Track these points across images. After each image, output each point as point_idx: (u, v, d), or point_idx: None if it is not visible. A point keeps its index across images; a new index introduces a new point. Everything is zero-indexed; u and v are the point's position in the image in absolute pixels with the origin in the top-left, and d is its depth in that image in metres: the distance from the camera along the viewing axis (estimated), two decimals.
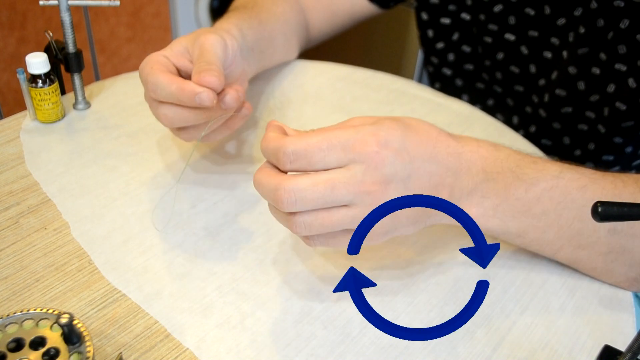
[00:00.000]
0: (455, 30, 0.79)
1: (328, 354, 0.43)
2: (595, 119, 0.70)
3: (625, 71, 0.64)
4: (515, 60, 0.75)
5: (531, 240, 0.48)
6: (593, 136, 0.71)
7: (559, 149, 0.75)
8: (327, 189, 0.39)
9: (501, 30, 0.74)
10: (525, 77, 0.75)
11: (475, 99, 0.84)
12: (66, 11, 0.61)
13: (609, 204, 0.38)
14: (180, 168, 0.59)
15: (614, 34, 0.63)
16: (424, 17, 0.81)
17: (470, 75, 0.83)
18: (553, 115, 0.73)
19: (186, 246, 0.51)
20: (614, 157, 0.73)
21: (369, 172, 0.40)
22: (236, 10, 0.66)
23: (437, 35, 0.81)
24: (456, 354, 0.44)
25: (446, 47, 0.82)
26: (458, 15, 0.78)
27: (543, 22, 0.70)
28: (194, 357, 0.42)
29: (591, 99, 0.68)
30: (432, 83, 0.88)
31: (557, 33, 0.69)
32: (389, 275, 0.50)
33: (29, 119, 0.64)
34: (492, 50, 0.77)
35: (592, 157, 0.74)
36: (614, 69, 0.65)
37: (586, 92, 0.68)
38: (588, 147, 0.73)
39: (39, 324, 0.38)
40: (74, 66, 0.64)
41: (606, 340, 0.45)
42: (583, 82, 0.68)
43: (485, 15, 0.75)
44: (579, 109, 0.70)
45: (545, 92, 0.73)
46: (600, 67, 0.66)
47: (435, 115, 0.71)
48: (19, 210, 0.53)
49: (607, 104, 0.68)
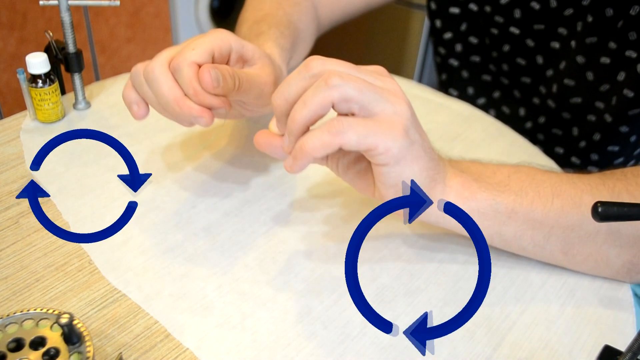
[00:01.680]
0: (464, 20, 0.80)
1: (328, 354, 0.43)
2: (603, 109, 0.70)
3: (635, 58, 0.64)
4: (521, 52, 0.75)
5: (522, 223, 0.48)
6: (599, 126, 0.71)
7: (567, 140, 0.75)
8: None
9: (506, 23, 0.74)
10: (532, 68, 0.75)
11: (481, 91, 0.84)
12: (66, 11, 0.61)
13: (609, 204, 0.39)
14: (180, 168, 0.59)
15: (624, 21, 0.63)
16: (433, 7, 0.82)
17: (477, 66, 0.83)
18: (562, 105, 0.73)
19: (186, 246, 0.51)
20: (619, 147, 0.73)
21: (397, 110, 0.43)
22: (276, 28, 0.63)
23: (445, 25, 0.82)
24: (456, 354, 0.44)
25: (454, 37, 0.82)
26: (466, 5, 0.78)
27: (549, 15, 0.70)
28: (194, 357, 0.42)
29: (601, 89, 0.68)
30: (439, 74, 0.88)
31: (565, 23, 0.69)
32: (389, 275, 0.50)
33: (29, 119, 0.64)
34: (499, 42, 0.77)
35: (597, 147, 0.74)
36: (624, 57, 0.65)
37: (595, 82, 0.69)
38: (593, 137, 0.73)
39: (39, 324, 0.38)
40: (74, 66, 0.64)
41: (606, 340, 0.45)
42: (592, 72, 0.68)
43: (492, 7, 0.75)
44: (588, 99, 0.70)
45: (554, 83, 0.73)
46: (609, 56, 0.66)
47: (435, 115, 0.71)
48: (19, 210, 0.53)
49: (616, 92, 0.68)
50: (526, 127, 0.81)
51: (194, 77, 0.46)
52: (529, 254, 0.50)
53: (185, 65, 0.46)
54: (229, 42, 0.50)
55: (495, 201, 0.47)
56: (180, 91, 0.47)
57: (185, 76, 0.46)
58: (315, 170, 0.60)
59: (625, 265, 0.49)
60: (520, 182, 0.48)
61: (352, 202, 0.57)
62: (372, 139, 0.41)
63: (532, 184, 0.48)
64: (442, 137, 0.67)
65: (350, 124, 0.41)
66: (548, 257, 0.50)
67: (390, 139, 0.42)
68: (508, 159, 0.64)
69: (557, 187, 0.48)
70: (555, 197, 0.48)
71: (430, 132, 0.67)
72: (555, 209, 0.47)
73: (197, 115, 0.47)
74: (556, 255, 0.49)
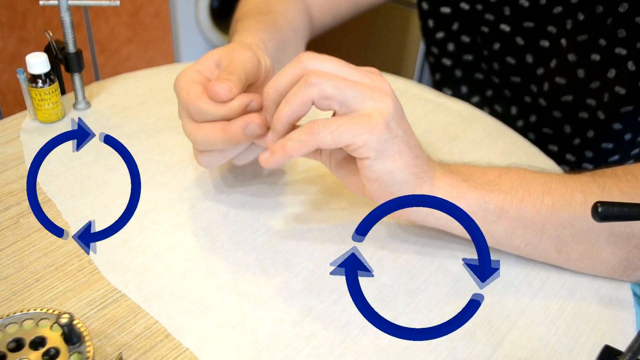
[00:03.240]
0: (455, 20, 0.80)
1: (328, 354, 0.43)
2: (595, 106, 0.70)
3: (625, 55, 0.64)
4: (511, 50, 0.76)
5: (512, 221, 0.48)
6: (592, 123, 0.71)
7: (559, 138, 0.76)
8: None
9: (497, 21, 0.75)
10: (522, 67, 0.76)
11: (475, 90, 0.84)
12: (66, 11, 0.61)
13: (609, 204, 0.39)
14: (180, 168, 0.59)
15: (613, 18, 0.63)
16: (425, 7, 0.82)
17: (470, 65, 0.83)
18: (553, 103, 0.74)
19: (186, 246, 0.51)
20: (613, 144, 0.73)
21: None
22: (252, 17, 0.64)
23: (437, 25, 0.82)
24: (456, 354, 0.44)
25: (446, 37, 0.83)
26: (457, 4, 0.79)
27: (538, 12, 0.70)
28: (194, 357, 0.42)
29: (591, 86, 0.69)
30: (433, 74, 0.89)
31: (554, 21, 0.70)
32: (389, 275, 0.50)
33: (29, 119, 0.64)
34: (489, 41, 0.77)
35: (591, 145, 0.74)
36: (614, 54, 0.65)
37: (586, 79, 0.69)
38: (587, 135, 0.73)
39: (39, 324, 0.38)
40: (74, 66, 0.64)
41: (606, 340, 0.45)
42: (583, 69, 0.68)
43: (482, 4, 0.75)
44: (580, 97, 0.71)
45: (545, 81, 0.73)
46: (600, 53, 0.66)
47: (436, 115, 0.71)
48: (19, 210, 0.53)
49: (607, 89, 0.68)
50: (518, 126, 0.81)
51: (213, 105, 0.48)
52: (523, 253, 0.50)
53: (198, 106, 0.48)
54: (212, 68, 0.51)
55: (484, 200, 0.47)
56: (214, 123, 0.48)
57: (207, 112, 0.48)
58: (315, 170, 0.60)
59: (621, 262, 0.49)
60: (510, 182, 0.49)
61: (352, 202, 0.57)
62: (346, 136, 0.42)
63: (522, 183, 0.49)
64: (442, 137, 0.67)
65: (325, 123, 0.43)
66: (542, 255, 0.50)
67: (366, 132, 0.43)
68: (508, 159, 0.64)
69: (548, 185, 0.49)
70: (545, 195, 0.48)
71: (430, 132, 0.68)
72: (546, 207, 0.48)
73: (243, 122, 0.47)
74: (550, 253, 0.50)
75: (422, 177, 0.46)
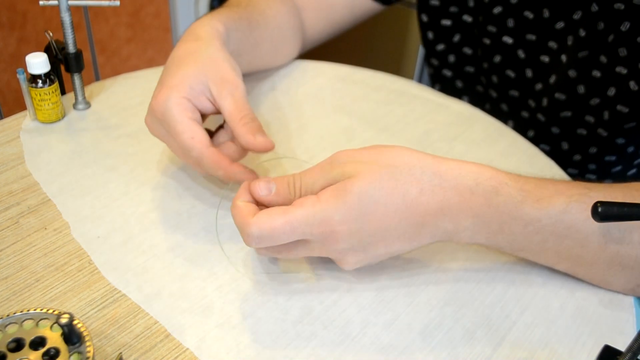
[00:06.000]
0: (456, 32, 0.79)
1: (328, 354, 0.43)
2: (594, 123, 0.70)
3: (626, 74, 0.64)
4: (511, 64, 0.75)
5: (525, 256, 0.48)
6: (593, 140, 0.71)
7: (557, 154, 0.75)
8: (289, 247, 0.45)
9: (499, 33, 0.74)
10: (521, 81, 0.75)
11: (475, 102, 0.84)
12: (66, 11, 0.61)
13: (609, 204, 0.39)
14: (180, 168, 0.59)
15: (615, 36, 0.63)
16: (424, 19, 0.81)
17: (471, 77, 0.82)
18: (552, 119, 0.73)
19: (186, 246, 0.51)
20: (616, 157, 0.73)
21: (324, 248, 0.45)
22: (229, 7, 0.64)
23: (437, 37, 0.81)
24: (456, 354, 0.44)
25: (447, 48, 0.82)
26: (459, 17, 0.78)
27: (541, 26, 0.70)
28: (194, 357, 0.42)
29: (591, 103, 0.68)
30: (433, 84, 0.88)
31: (555, 37, 0.69)
32: (389, 275, 0.50)
33: (29, 119, 0.64)
34: (490, 53, 0.77)
35: (594, 159, 0.74)
36: (615, 72, 0.65)
37: (586, 96, 0.68)
38: (589, 151, 0.73)
39: (39, 324, 0.38)
40: (74, 66, 0.64)
41: (606, 340, 0.45)
42: (583, 85, 0.68)
43: (485, 16, 0.74)
44: (579, 113, 0.70)
45: (544, 97, 0.73)
46: (600, 70, 0.66)
47: (435, 115, 0.71)
48: (19, 210, 0.53)
49: (607, 107, 0.68)
50: None
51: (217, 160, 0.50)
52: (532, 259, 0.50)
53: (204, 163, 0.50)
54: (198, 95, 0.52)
55: (498, 246, 0.47)
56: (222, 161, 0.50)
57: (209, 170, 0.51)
58: None
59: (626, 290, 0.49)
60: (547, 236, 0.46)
61: None
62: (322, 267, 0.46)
63: (560, 236, 0.45)
64: (442, 137, 0.67)
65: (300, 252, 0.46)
66: None
67: None
68: (508, 159, 0.64)
69: (590, 237, 0.45)
70: (577, 247, 0.46)
71: (430, 132, 0.68)
72: (570, 255, 0.47)
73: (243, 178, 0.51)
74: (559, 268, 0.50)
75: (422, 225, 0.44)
